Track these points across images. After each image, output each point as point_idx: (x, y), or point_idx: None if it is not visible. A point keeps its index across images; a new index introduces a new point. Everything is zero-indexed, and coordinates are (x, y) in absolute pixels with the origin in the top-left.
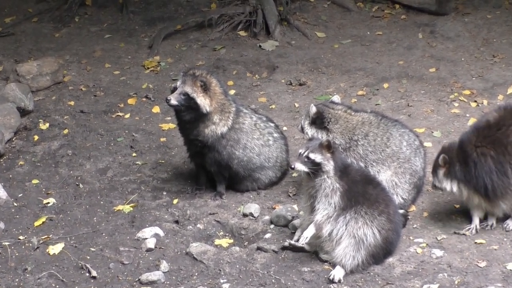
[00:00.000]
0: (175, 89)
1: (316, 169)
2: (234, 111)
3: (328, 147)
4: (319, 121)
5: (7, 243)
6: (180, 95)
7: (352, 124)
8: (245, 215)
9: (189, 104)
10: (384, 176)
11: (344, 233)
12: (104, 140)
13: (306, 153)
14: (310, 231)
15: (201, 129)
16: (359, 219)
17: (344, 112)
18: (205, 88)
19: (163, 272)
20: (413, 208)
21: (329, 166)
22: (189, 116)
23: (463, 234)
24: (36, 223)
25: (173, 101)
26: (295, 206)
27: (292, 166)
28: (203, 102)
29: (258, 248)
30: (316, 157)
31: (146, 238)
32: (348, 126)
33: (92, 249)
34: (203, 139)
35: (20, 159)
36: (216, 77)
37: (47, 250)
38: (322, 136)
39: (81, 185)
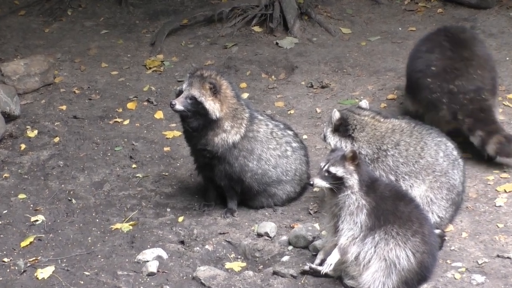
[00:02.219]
0: (180, 92)
1: (338, 184)
2: (247, 118)
3: (352, 158)
4: (342, 128)
5: None
6: (186, 99)
7: (381, 132)
8: (259, 235)
9: (197, 109)
10: (418, 191)
11: (373, 256)
12: (100, 150)
13: (326, 167)
14: (334, 257)
15: (210, 137)
16: (390, 240)
17: (372, 118)
18: (215, 91)
19: None
20: (450, 227)
21: (352, 180)
22: (197, 123)
23: None
24: (23, 244)
25: (178, 106)
26: (316, 225)
27: (311, 182)
28: (213, 106)
29: (275, 273)
30: (338, 170)
31: (148, 261)
32: (376, 134)
33: (86, 273)
34: (212, 149)
35: (5, 171)
36: (227, 79)
37: (35, 274)
38: (346, 145)
39: (73, 201)
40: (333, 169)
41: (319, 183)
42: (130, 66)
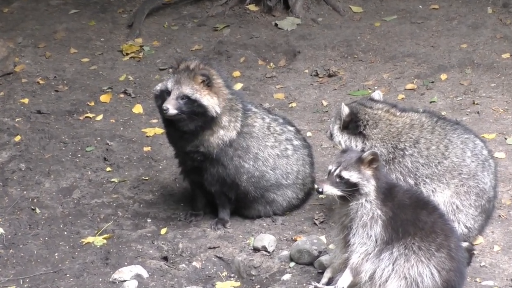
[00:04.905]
0: (163, 92)
1: (351, 191)
2: (241, 109)
3: (371, 162)
4: (352, 124)
5: None
6: (178, 100)
7: (397, 128)
8: (256, 250)
9: (192, 109)
10: (442, 197)
11: (391, 274)
12: (68, 150)
13: (338, 171)
14: (346, 280)
15: (206, 137)
16: (410, 255)
17: (386, 112)
18: (209, 83)
19: None
20: (480, 240)
21: (369, 186)
22: (193, 125)
23: None
24: None
25: (172, 110)
26: (323, 238)
27: (320, 190)
28: (211, 102)
29: None
30: (352, 175)
31: (125, 281)
32: (392, 130)
33: None
34: (205, 151)
35: None
36: (216, 67)
37: None
38: (356, 144)
39: (38, 210)
40: (346, 174)
41: (330, 190)
42: (104, 52)
